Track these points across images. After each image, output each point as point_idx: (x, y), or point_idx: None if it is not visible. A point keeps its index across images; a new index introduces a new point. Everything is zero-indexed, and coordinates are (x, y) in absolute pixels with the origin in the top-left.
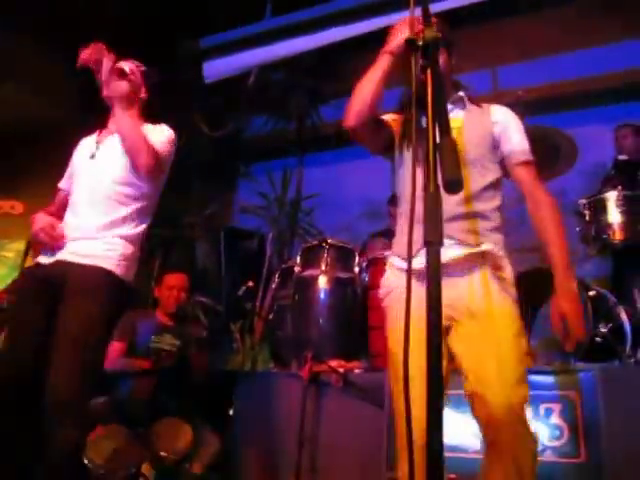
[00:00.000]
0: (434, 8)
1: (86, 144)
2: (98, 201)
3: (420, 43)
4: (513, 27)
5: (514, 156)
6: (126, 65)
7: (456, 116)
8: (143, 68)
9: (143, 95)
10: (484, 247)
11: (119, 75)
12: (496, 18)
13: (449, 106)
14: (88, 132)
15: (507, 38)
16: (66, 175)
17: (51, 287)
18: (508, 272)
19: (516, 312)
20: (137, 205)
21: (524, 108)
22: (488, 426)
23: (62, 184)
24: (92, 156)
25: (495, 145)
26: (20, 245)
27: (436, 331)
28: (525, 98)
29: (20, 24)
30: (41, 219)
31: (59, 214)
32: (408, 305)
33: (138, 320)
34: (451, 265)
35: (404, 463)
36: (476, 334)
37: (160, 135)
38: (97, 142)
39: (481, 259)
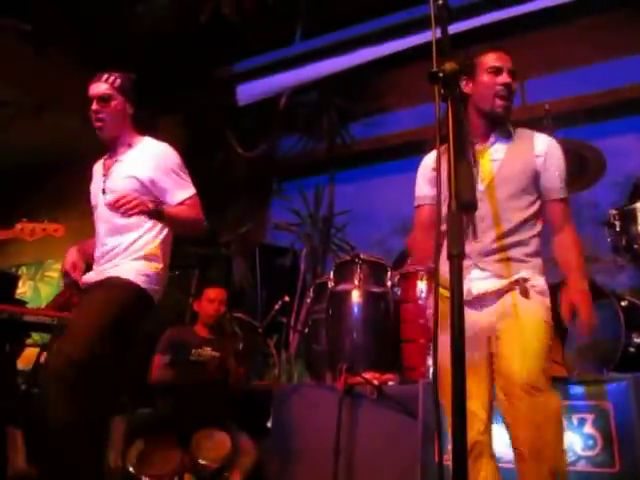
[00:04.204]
0: (461, 26)
1: (97, 174)
2: (115, 230)
3: (441, 75)
4: (540, 40)
5: (550, 193)
6: (102, 87)
7: (499, 148)
8: (119, 80)
9: (130, 111)
10: (516, 277)
11: (99, 102)
12: (523, 31)
13: (493, 138)
14: (98, 157)
15: (534, 51)
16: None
17: None
18: (539, 284)
19: (542, 314)
20: (150, 224)
21: (552, 121)
22: (510, 403)
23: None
24: (103, 191)
25: (536, 177)
26: None
27: (460, 341)
28: (553, 111)
29: (68, 55)
30: (69, 257)
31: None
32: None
33: (177, 335)
34: (486, 296)
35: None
36: (506, 337)
37: (172, 161)
38: (104, 175)
39: (513, 285)
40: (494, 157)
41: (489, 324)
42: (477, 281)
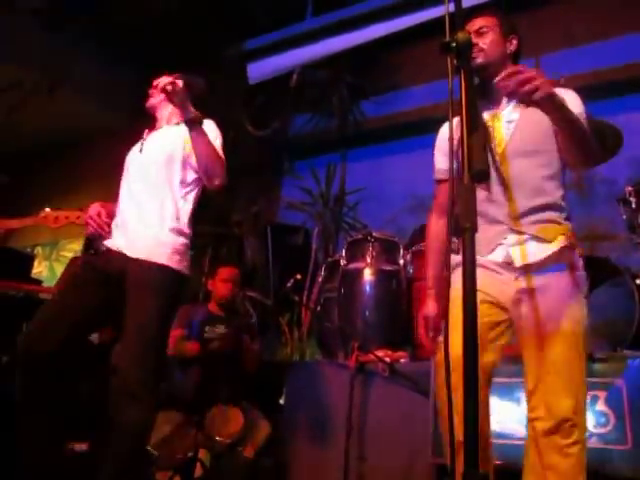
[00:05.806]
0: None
1: (135, 146)
2: (144, 194)
3: (454, 45)
4: (556, 14)
5: None
6: (164, 81)
7: (513, 110)
8: (188, 76)
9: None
10: (561, 242)
11: (164, 93)
12: (539, 5)
13: (506, 99)
14: (139, 137)
15: (550, 25)
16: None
17: (108, 276)
18: (580, 271)
19: (583, 317)
20: (182, 193)
21: None
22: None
23: None
24: (140, 151)
25: (555, 130)
26: (78, 246)
27: (473, 315)
28: (568, 86)
29: (81, 34)
30: (94, 207)
31: None
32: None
33: (191, 312)
34: (535, 264)
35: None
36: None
37: (215, 135)
38: (143, 139)
39: (559, 256)
40: (509, 118)
41: (519, 293)
42: (515, 246)
